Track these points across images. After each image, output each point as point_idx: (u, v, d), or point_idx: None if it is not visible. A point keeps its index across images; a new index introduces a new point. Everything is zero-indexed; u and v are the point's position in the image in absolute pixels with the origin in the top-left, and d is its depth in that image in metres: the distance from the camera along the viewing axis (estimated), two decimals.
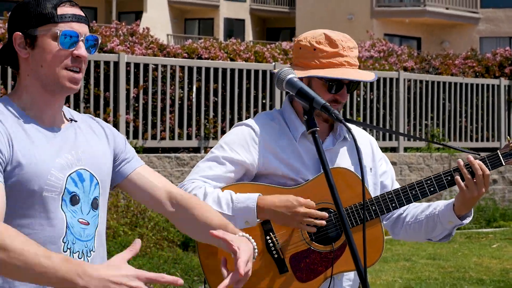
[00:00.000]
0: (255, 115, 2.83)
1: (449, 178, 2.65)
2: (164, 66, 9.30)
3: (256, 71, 9.83)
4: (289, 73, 2.16)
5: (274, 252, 2.61)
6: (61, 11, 2.02)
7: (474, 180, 2.59)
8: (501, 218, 10.89)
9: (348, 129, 2.01)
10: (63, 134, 2.07)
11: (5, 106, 2.03)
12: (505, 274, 7.71)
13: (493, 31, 27.64)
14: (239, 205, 2.52)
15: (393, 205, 2.63)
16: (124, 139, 2.24)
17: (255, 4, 31.91)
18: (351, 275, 2.69)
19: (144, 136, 9.18)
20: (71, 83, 2.02)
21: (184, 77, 9.38)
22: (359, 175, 2.61)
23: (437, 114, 11.44)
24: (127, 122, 9.03)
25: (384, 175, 2.79)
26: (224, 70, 9.63)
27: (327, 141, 2.69)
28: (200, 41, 10.57)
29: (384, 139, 10.80)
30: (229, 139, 2.65)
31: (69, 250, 2.02)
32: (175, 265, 7.28)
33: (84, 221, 2.05)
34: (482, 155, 2.67)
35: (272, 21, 32.52)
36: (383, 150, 10.80)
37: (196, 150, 9.55)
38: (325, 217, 2.56)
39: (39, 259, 1.76)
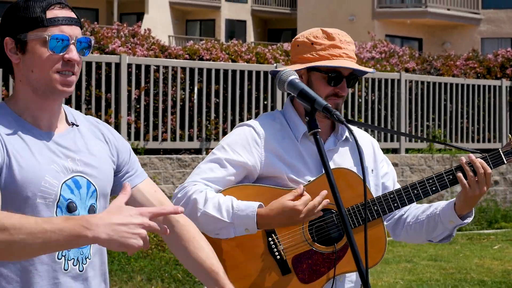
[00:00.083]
0: (257, 116, 2.81)
1: (451, 177, 2.65)
2: (165, 67, 9.30)
3: (257, 72, 9.83)
4: (291, 74, 2.15)
5: (276, 253, 2.60)
6: (50, 14, 1.98)
7: (476, 178, 2.60)
8: (502, 219, 10.89)
9: (349, 130, 2.01)
10: (60, 139, 2.04)
11: (1, 111, 2.01)
12: (506, 275, 7.70)
13: (495, 32, 27.63)
14: (239, 213, 2.50)
15: (395, 205, 2.62)
16: (129, 149, 2.20)
17: (257, 5, 31.92)
18: (353, 276, 2.68)
19: (145, 137, 9.18)
20: (64, 86, 1.99)
21: (185, 78, 9.39)
22: (360, 175, 2.61)
23: (439, 115, 11.43)
24: (128, 123, 9.03)
25: (385, 177, 2.78)
26: (225, 71, 9.63)
27: (329, 141, 2.69)
28: (201, 42, 10.58)
29: (385, 140, 10.79)
30: (231, 140, 2.63)
31: (63, 257, 2.00)
32: (176, 267, 7.27)
33: None
34: (483, 154, 2.67)
35: (273, 22, 32.52)
36: (385, 151, 10.79)
37: (197, 151, 9.55)
38: (325, 204, 2.52)
39: (41, 225, 1.74)
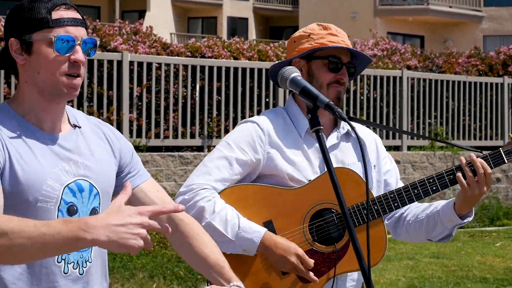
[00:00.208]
0: (259, 113, 2.81)
1: (452, 176, 2.65)
2: (167, 65, 9.29)
3: (259, 70, 9.82)
4: (293, 72, 2.15)
5: None
6: (56, 15, 1.97)
7: (475, 178, 2.59)
8: (504, 216, 10.86)
9: (351, 127, 2.00)
10: (63, 141, 2.03)
11: (4, 112, 2.00)
12: (508, 272, 7.69)
13: (497, 29, 27.59)
14: (244, 234, 2.52)
15: (396, 204, 2.62)
16: (131, 150, 2.19)
17: (259, 2, 31.89)
18: (355, 275, 2.68)
19: (147, 134, 9.17)
20: (70, 89, 1.98)
21: (187, 75, 9.37)
22: (362, 173, 2.60)
23: (441, 112, 11.41)
24: (130, 121, 9.02)
25: (388, 174, 2.78)
26: (227, 68, 9.62)
27: (332, 136, 2.69)
28: (203, 39, 10.56)
29: (387, 138, 10.78)
30: (236, 137, 2.63)
31: (63, 261, 1.99)
32: (178, 264, 7.26)
33: None
34: (484, 153, 2.66)
35: (275, 19, 32.49)
36: (387, 148, 10.63)
37: (199, 148, 9.54)
38: (314, 281, 2.56)
39: (39, 229, 1.73)
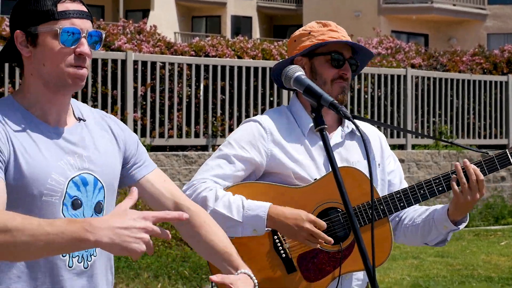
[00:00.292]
0: (263, 112, 2.82)
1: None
2: (171, 64, 9.27)
3: (263, 69, 9.80)
4: (297, 71, 2.14)
5: (281, 252, 2.59)
6: (61, 7, 1.96)
7: (469, 185, 2.57)
8: (509, 215, 10.83)
9: (356, 126, 1.99)
10: (68, 135, 2.02)
11: (9, 105, 1.99)
12: None
13: (501, 27, 27.52)
14: (250, 212, 2.50)
15: (401, 204, 2.60)
16: (136, 141, 2.18)
17: (262, 1, 31.86)
18: (360, 274, 2.67)
19: (151, 134, 9.16)
20: (76, 80, 1.98)
21: (191, 75, 9.36)
22: (367, 173, 2.59)
23: (445, 111, 11.38)
24: (134, 120, 9.01)
25: (392, 174, 2.77)
26: (231, 67, 9.60)
27: (336, 134, 2.68)
28: (207, 38, 10.56)
29: (392, 136, 10.75)
30: (238, 136, 2.63)
31: (68, 254, 1.98)
32: (183, 264, 7.25)
33: None
34: (491, 154, 2.64)
35: (279, 18, 32.47)
36: (391, 147, 10.57)
37: (204, 148, 9.53)
38: (329, 241, 2.54)
39: (43, 228, 1.73)
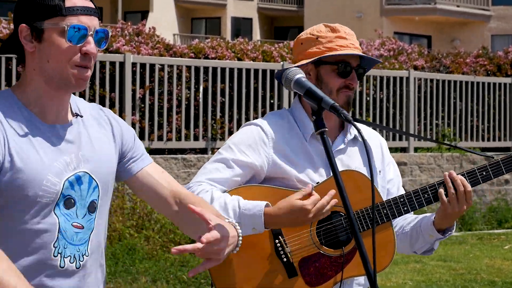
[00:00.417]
0: (263, 115, 2.74)
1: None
2: (170, 66, 9.24)
3: (264, 71, 9.76)
4: (297, 73, 2.13)
5: (283, 256, 2.57)
6: (69, 3, 1.93)
7: (457, 195, 2.57)
8: None
9: (357, 129, 1.98)
10: (65, 133, 2.00)
11: (7, 100, 1.96)
12: None
13: (505, 28, 27.46)
14: (246, 212, 2.47)
15: (405, 209, 2.59)
16: (133, 135, 2.16)
17: (263, 2, 31.84)
18: (361, 279, 2.65)
19: (150, 137, 9.13)
20: (79, 81, 1.95)
21: (190, 77, 9.32)
22: (369, 176, 2.58)
23: (448, 113, 11.34)
24: (133, 123, 8.98)
25: (390, 183, 2.76)
26: (231, 70, 9.56)
27: (338, 141, 2.66)
28: (207, 40, 10.53)
29: (394, 139, 10.74)
30: (237, 140, 2.60)
31: (59, 254, 1.96)
32: (182, 268, 7.24)
33: (78, 225, 1.99)
34: (496, 158, 2.61)
35: (280, 19, 32.45)
36: (393, 150, 10.71)
37: (203, 151, 9.49)
38: (332, 194, 2.47)
39: None
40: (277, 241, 2.58)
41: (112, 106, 8.89)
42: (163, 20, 27.94)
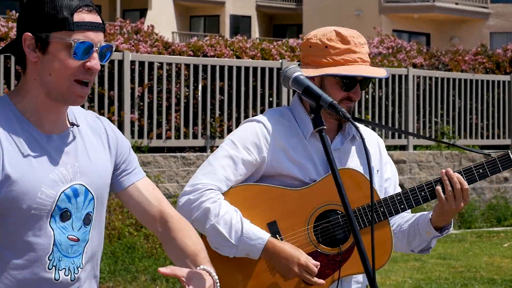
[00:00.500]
0: (262, 113, 2.78)
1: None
2: (169, 64, 9.22)
3: (262, 69, 9.75)
4: (296, 71, 2.13)
5: None
6: (77, 17, 1.90)
7: (454, 193, 2.57)
8: None
9: (356, 127, 1.98)
10: (61, 144, 1.97)
11: (3, 107, 1.92)
12: None
13: (504, 26, 27.44)
14: (247, 240, 2.50)
15: (402, 206, 2.59)
16: (128, 147, 2.15)
17: (262, 0, 31.80)
18: (360, 277, 2.65)
19: (149, 135, 9.11)
20: (78, 98, 1.93)
21: (189, 75, 9.30)
22: (367, 176, 2.58)
23: (447, 111, 11.32)
24: (132, 121, 8.96)
25: (387, 182, 2.76)
26: (230, 68, 9.54)
27: (336, 140, 2.65)
28: (205, 38, 10.51)
29: (393, 137, 10.72)
30: (241, 136, 2.60)
31: (54, 267, 1.94)
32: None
33: (74, 237, 1.97)
34: (493, 156, 2.62)
35: (279, 17, 32.41)
36: (392, 148, 10.70)
37: (202, 149, 9.48)
38: (321, 284, 2.54)
39: None
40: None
41: (110, 104, 8.87)
42: (162, 18, 27.90)
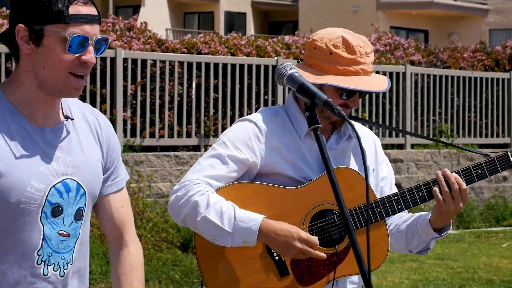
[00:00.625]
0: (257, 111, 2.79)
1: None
2: (162, 61, 9.16)
3: (257, 66, 9.70)
4: (290, 68, 2.14)
5: (275, 254, 2.56)
6: (73, 10, 1.88)
7: (451, 194, 2.57)
8: (511, 216, 10.82)
9: (352, 126, 1.98)
10: (53, 137, 1.95)
11: None
12: None
13: (503, 23, 27.38)
14: (241, 224, 2.47)
15: (399, 207, 2.59)
16: (119, 152, 2.14)
17: None
18: (355, 278, 2.64)
19: (142, 134, 9.05)
20: (73, 91, 1.92)
21: (183, 73, 9.25)
22: (362, 175, 2.58)
23: (445, 109, 11.28)
24: (124, 119, 8.90)
25: (383, 181, 2.75)
26: (224, 65, 9.48)
27: (331, 140, 2.65)
28: (199, 35, 10.47)
29: (390, 136, 10.72)
30: (232, 136, 2.59)
31: (43, 262, 1.94)
32: (174, 267, 7.23)
33: (64, 233, 1.96)
34: (492, 156, 2.62)
35: (274, 14, 32.33)
36: (389, 147, 10.63)
37: (196, 148, 9.43)
38: (322, 257, 2.51)
39: None
40: None
41: (103, 102, 8.82)
42: (155, 14, 27.81)
